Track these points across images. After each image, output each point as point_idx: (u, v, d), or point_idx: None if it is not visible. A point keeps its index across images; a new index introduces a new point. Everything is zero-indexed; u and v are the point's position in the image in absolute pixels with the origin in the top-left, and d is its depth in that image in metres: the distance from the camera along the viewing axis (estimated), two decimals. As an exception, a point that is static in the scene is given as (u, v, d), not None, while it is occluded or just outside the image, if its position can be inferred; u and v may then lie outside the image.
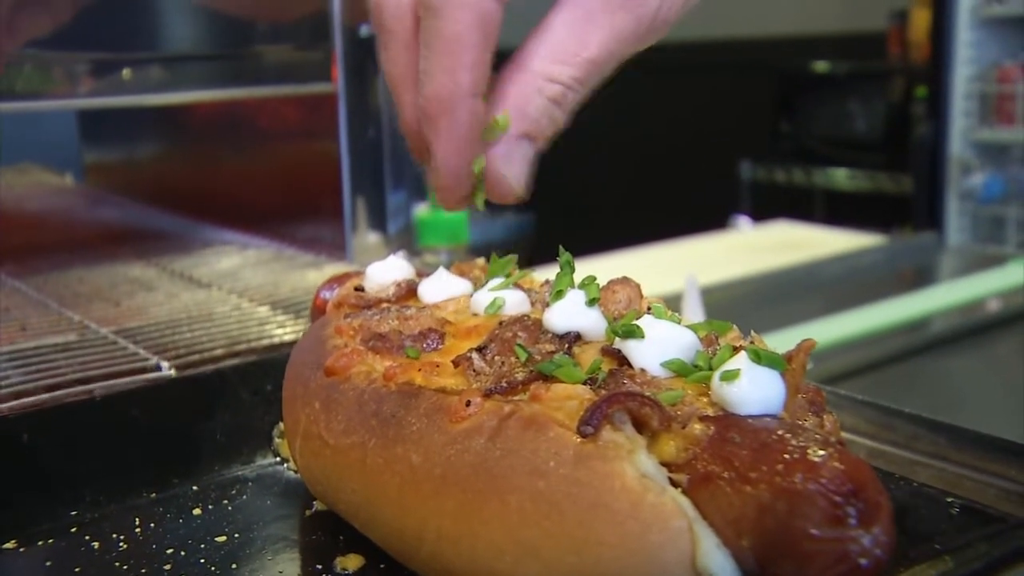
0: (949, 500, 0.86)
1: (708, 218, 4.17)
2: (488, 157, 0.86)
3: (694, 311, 1.95)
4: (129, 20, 1.95)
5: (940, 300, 2.90)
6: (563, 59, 0.83)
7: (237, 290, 1.81)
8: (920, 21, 5.17)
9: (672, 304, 1.02)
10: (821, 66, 5.97)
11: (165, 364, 1.36)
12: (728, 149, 6.36)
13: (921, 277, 3.50)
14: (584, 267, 0.99)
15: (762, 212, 4.55)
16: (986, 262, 3.43)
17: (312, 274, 1.93)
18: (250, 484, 1.13)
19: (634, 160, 7.23)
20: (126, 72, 1.91)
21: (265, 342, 1.48)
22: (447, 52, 0.80)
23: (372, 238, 2.14)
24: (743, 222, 4.05)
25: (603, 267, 1.02)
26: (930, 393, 2.41)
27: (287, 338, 1.49)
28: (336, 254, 2.07)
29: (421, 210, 3.26)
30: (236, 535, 1.01)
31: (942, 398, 2.39)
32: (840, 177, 5.69)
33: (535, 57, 0.84)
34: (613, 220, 6.16)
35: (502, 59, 0.88)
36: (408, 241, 2.37)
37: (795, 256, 3.31)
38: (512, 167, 0.86)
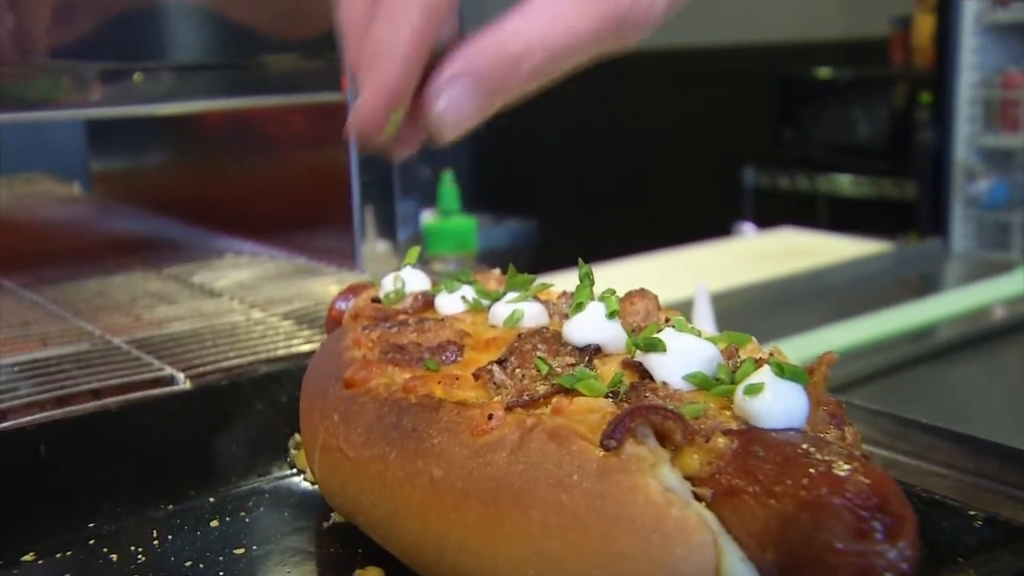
0: (972, 513, 0.86)
1: (712, 225, 4.17)
2: (430, 91, 0.85)
3: (705, 321, 1.95)
4: (136, 29, 1.96)
5: (946, 307, 2.89)
6: (530, 32, 0.84)
7: (248, 300, 1.81)
8: (924, 27, 5.17)
9: (681, 312, 1.03)
10: (824, 72, 5.97)
11: (180, 376, 1.36)
12: (731, 156, 6.36)
13: (926, 284, 3.49)
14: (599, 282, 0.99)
15: (766, 219, 4.55)
16: (992, 269, 3.42)
17: (323, 283, 1.93)
18: (267, 496, 1.13)
19: (637, 167, 7.23)
20: (135, 80, 1.92)
21: (279, 353, 1.48)
22: (395, 9, 0.85)
23: (381, 246, 2.13)
24: (747, 229, 4.05)
25: (608, 275, 1.03)
26: (937, 401, 2.40)
27: (302, 349, 1.49)
28: (346, 263, 2.08)
29: (429, 218, 3.27)
30: (254, 547, 1.01)
31: (949, 406, 2.39)
32: (844, 184, 5.69)
33: (503, 24, 0.85)
34: (616, 227, 6.16)
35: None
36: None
37: (800, 263, 3.31)
38: (451, 103, 0.85)
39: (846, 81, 5.87)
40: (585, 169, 7.33)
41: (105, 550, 1.01)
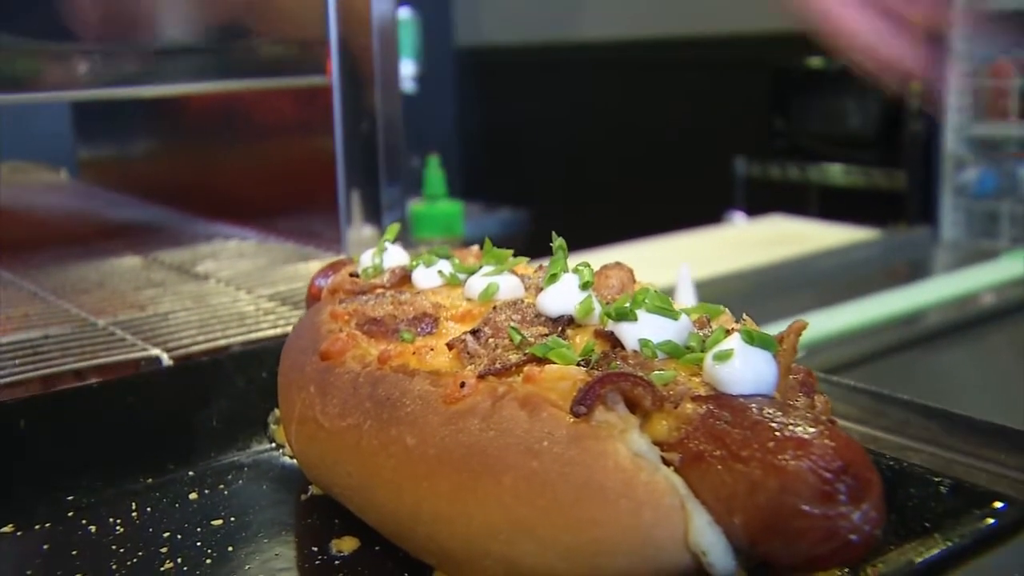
0: (938, 479, 0.87)
1: (703, 214, 4.17)
2: None
3: (687, 301, 1.95)
4: (122, 12, 1.96)
5: (934, 294, 2.90)
6: None
7: (233, 282, 1.82)
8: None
9: (665, 294, 1.03)
10: (816, 62, 5.97)
11: (161, 353, 1.37)
12: (723, 145, 6.36)
13: (915, 271, 3.49)
14: (578, 261, 1.00)
15: (757, 208, 4.56)
16: (979, 256, 3.43)
17: (307, 266, 1.93)
18: (246, 470, 1.13)
19: (629, 156, 7.23)
20: (120, 63, 1.91)
21: (260, 333, 1.48)
22: None
23: (367, 231, 2.14)
24: (738, 218, 4.05)
25: (597, 261, 1.03)
26: (923, 385, 2.41)
27: (283, 329, 1.50)
28: (331, 247, 2.08)
29: (415, 203, 3.27)
30: (232, 519, 1.02)
31: (935, 390, 2.40)
32: (835, 173, 5.69)
33: None
34: (608, 215, 6.16)
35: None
36: (403, 234, 2.36)
37: (789, 250, 3.31)
38: None
39: (838, 71, 5.87)
40: (577, 158, 7.32)
41: (84, 521, 1.02)
